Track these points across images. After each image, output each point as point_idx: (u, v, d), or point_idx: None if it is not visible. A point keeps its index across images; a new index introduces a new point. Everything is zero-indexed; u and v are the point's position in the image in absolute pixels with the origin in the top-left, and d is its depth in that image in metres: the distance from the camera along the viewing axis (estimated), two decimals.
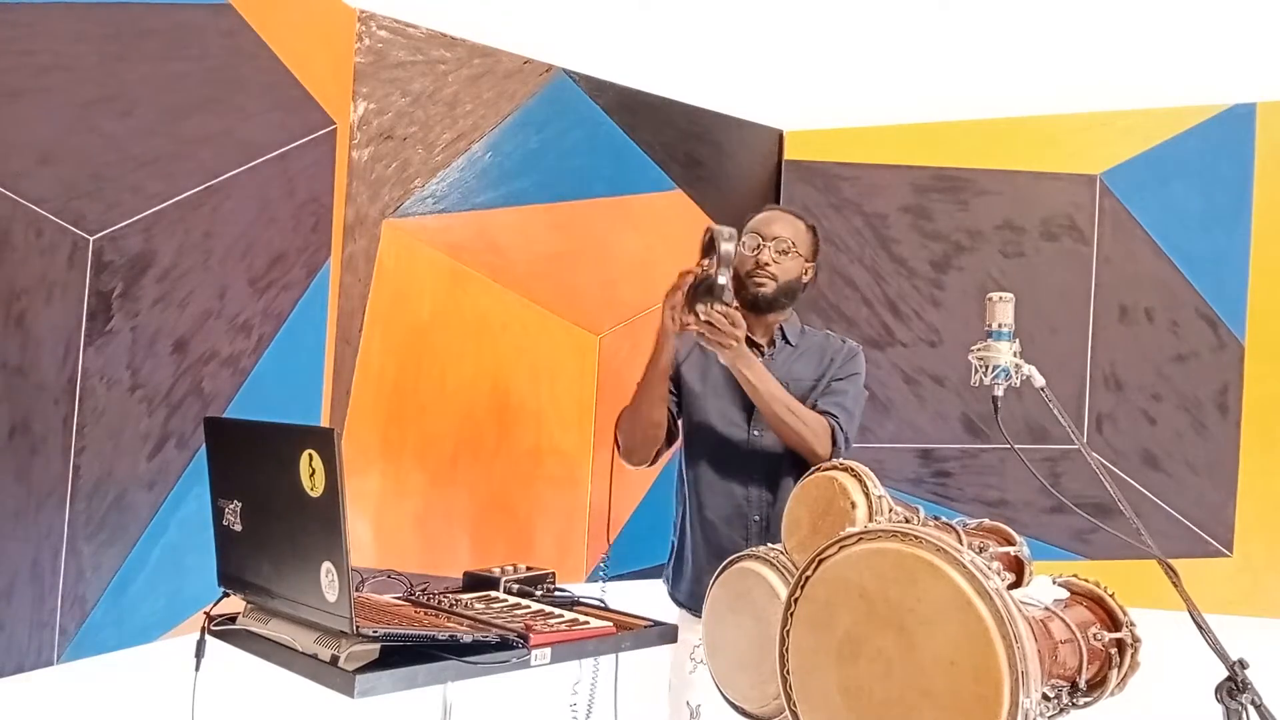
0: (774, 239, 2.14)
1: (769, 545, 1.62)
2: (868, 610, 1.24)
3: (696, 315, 1.95)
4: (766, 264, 2.13)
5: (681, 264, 1.98)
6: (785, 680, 1.33)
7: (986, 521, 1.67)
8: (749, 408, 2.11)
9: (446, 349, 2.61)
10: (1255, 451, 2.75)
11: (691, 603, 2.13)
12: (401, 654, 1.57)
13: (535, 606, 1.99)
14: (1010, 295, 1.61)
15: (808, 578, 1.32)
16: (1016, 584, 1.53)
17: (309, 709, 1.93)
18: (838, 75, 3.21)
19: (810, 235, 2.21)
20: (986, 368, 1.59)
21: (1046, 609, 1.40)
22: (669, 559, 2.26)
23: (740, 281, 2.12)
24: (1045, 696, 1.27)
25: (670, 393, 2.16)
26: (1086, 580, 1.51)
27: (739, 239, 2.06)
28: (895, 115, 3.09)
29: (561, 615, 1.91)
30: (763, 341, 2.17)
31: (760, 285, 2.14)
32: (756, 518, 2.11)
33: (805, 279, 2.22)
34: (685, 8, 3.16)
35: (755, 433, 2.12)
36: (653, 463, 2.19)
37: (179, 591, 2.07)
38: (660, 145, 2.94)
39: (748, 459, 2.12)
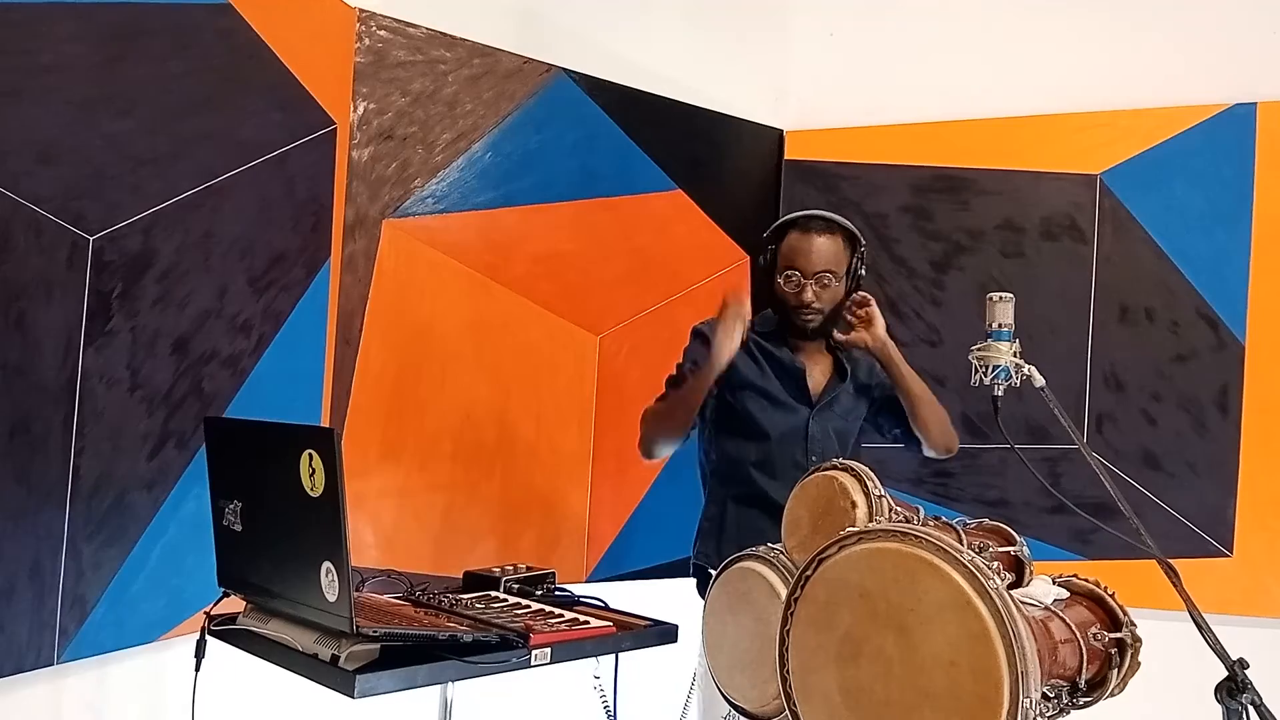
0: (814, 275, 2.16)
1: (769, 545, 1.62)
2: (868, 610, 1.24)
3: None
4: (810, 301, 2.16)
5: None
6: (785, 680, 1.33)
7: (986, 521, 1.67)
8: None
9: (446, 349, 2.61)
10: (1255, 451, 2.75)
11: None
12: (402, 654, 1.57)
13: (535, 606, 1.99)
14: (1010, 295, 1.61)
15: (808, 577, 1.32)
16: (1016, 584, 1.53)
17: (309, 709, 1.93)
18: (838, 75, 3.21)
19: (848, 248, 2.21)
20: (986, 368, 1.59)
21: (1046, 609, 1.40)
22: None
23: (785, 314, 2.21)
24: (1045, 696, 1.27)
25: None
26: (1086, 580, 1.52)
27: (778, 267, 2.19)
28: (895, 115, 3.09)
29: (562, 615, 1.92)
30: (814, 368, 2.25)
31: (808, 321, 2.18)
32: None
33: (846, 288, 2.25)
34: (686, 8, 3.16)
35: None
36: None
37: (179, 591, 2.07)
38: (660, 145, 2.94)
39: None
